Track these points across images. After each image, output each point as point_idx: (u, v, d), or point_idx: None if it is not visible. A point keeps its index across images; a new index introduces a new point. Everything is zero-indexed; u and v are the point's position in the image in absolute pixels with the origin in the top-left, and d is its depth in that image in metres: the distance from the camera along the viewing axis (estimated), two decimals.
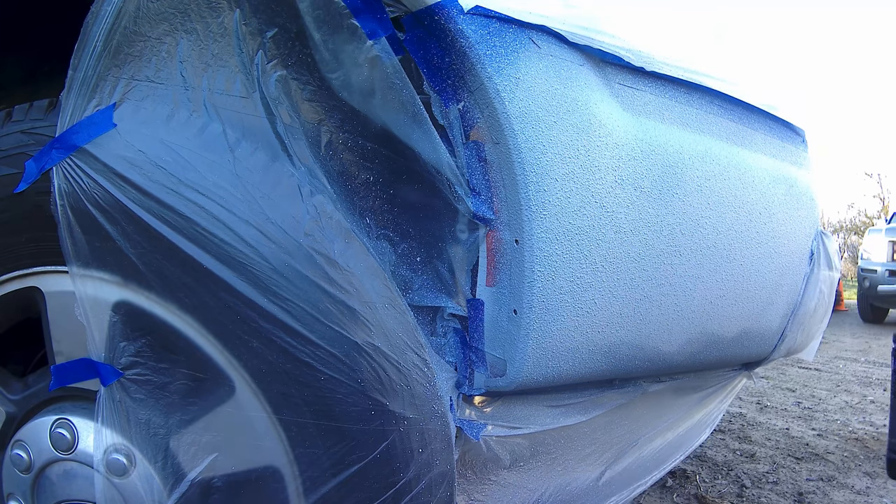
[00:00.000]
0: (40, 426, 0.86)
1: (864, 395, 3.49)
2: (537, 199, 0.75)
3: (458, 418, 0.83)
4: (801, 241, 1.23)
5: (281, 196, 0.71)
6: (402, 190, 0.82)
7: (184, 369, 0.74)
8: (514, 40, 0.75)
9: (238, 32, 0.75)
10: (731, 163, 1.04)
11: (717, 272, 1.02)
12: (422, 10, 0.71)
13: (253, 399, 0.72)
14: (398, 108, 0.74)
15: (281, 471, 0.73)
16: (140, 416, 0.76)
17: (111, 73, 0.75)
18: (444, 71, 0.75)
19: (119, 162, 0.71)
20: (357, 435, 0.71)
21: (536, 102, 0.75)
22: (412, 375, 0.73)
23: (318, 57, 0.74)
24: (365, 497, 0.72)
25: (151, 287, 0.72)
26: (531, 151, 0.75)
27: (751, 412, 3.03)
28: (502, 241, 0.78)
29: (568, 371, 0.86)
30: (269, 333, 0.69)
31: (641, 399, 1.09)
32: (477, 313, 0.83)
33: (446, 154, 0.75)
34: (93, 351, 0.76)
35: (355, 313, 0.70)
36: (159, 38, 0.75)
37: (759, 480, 2.12)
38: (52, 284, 0.82)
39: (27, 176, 0.77)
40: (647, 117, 0.91)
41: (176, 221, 0.69)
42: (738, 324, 1.13)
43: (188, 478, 0.75)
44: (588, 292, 0.83)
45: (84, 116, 0.74)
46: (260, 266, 0.69)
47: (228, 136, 0.72)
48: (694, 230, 0.96)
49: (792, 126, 1.26)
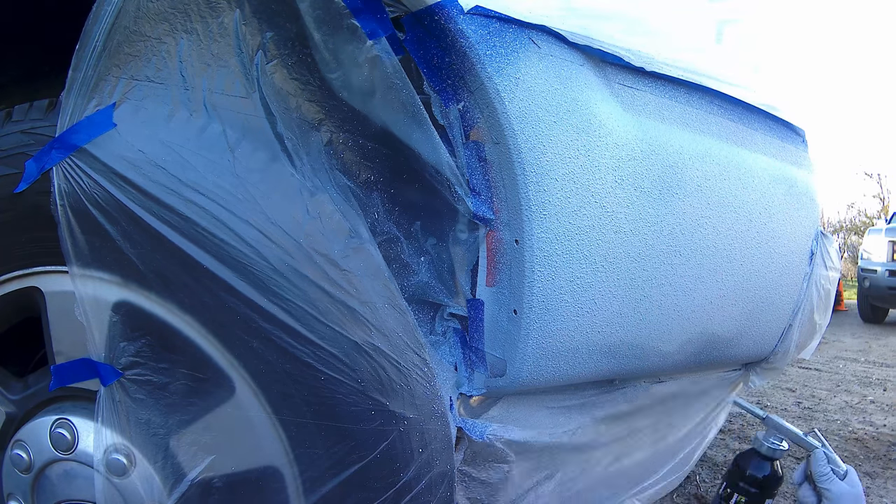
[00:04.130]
0: (40, 426, 0.86)
1: (864, 395, 3.49)
2: (537, 199, 0.75)
3: (458, 418, 0.83)
4: (801, 241, 1.23)
5: (281, 196, 0.71)
6: (402, 190, 0.82)
7: (184, 369, 0.74)
8: (514, 40, 0.75)
9: (238, 32, 0.74)
10: (731, 163, 1.04)
11: (717, 272, 1.02)
12: (422, 10, 0.71)
13: (253, 399, 0.72)
14: (398, 108, 0.74)
15: (281, 471, 0.73)
16: (140, 416, 0.76)
17: (111, 72, 0.75)
18: (444, 71, 0.75)
19: (119, 162, 0.71)
20: (357, 435, 0.71)
21: (536, 102, 0.75)
22: (412, 375, 0.73)
23: (318, 57, 0.74)
24: (365, 497, 0.72)
25: (151, 287, 0.72)
26: (531, 151, 0.75)
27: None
28: (502, 241, 0.78)
29: (568, 371, 0.86)
30: (270, 333, 0.69)
31: (643, 400, 1.09)
32: (477, 313, 0.83)
33: (446, 154, 0.75)
34: (93, 351, 0.76)
35: (355, 313, 0.70)
36: (159, 38, 0.75)
37: None
38: (52, 284, 0.82)
39: (27, 176, 0.77)
40: (647, 117, 0.91)
41: (176, 221, 0.69)
42: (737, 324, 1.13)
43: (188, 478, 0.75)
44: (588, 292, 0.83)
45: (84, 116, 0.74)
46: (260, 266, 0.69)
47: (228, 136, 0.72)
48: (694, 230, 0.96)
49: (792, 126, 1.26)
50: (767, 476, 1.14)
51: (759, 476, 1.14)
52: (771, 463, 1.15)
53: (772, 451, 1.14)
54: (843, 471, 1.09)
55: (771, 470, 1.15)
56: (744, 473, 1.16)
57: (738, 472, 1.17)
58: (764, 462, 1.15)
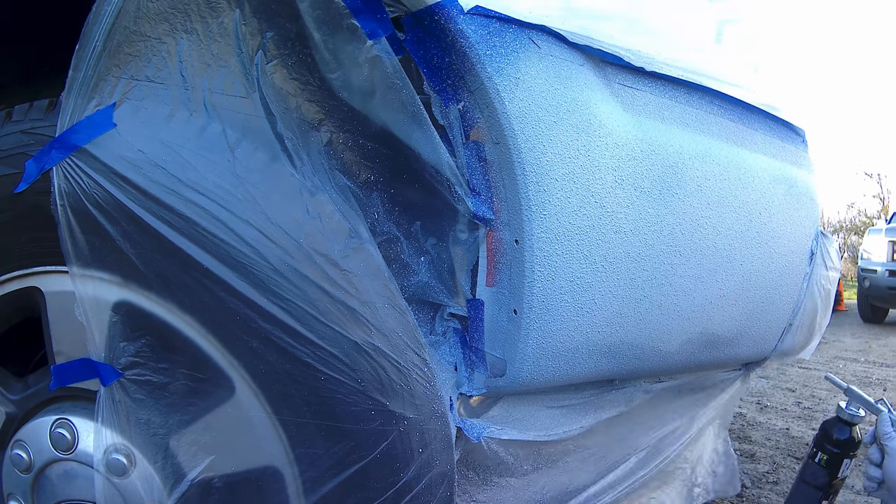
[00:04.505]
0: (40, 426, 0.86)
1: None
2: (537, 199, 0.75)
3: (458, 418, 0.83)
4: (801, 241, 1.23)
5: (281, 196, 0.71)
6: (402, 190, 0.82)
7: (184, 369, 0.74)
8: (514, 40, 0.75)
9: (238, 32, 0.74)
10: (731, 163, 1.04)
11: (716, 272, 1.02)
12: (422, 10, 0.71)
13: (253, 399, 0.72)
14: (398, 108, 0.74)
15: (281, 471, 0.73)
16: (140, 416, 0.76)
17: (111, 72, 0.75)
18: (444, 71, 0.75)
19: (119, 162, 0.71)
20: (357, 435, 0.71)
21: (536, 102, 0.75)
22: (412, 375, 0.73)
23: (318, 57, 0.74)
24: (365, 497, 0.72)
25: (151, 287, 0.72)
26: (531, 151, 0.75)
27: (751, 412, 3.03)
28: (502, 241, 0.78)
29: (568, 371, 0.86)
30: (269, 333, 0.69)
31: (644, 400, 1.09)
32: (477, 313, 0.83)
33: (446, 154, 0.75)
34: (93, 351, 0.76)
35: (355, 313, 0.70)
36: (159, 38, 0.75)
37: (760, 480, 2.12)
38: (52, 284, 0.82)
39: (27, 176, 0.77)
40: (647, 117, 0.91)
41: (176, 221, 0.69)
42: (737, 324, 1.13)
43: (188, 478, 0.75)
44: (588, 292, 0.82)
45: (84, 116, 0.74)
46: (260, 266, 0.68)
47: (228, 136, 0.72)
48: (694, 230, 0.96)
49: (792, 126, 1.26)
50: (847, 439, 1.32)
51: (842, 438, 1.33)
52: (850, 428, 1.33)
53: (851, 416, 1.32)
54: None
55: (850, 434, 1.32)
56: (829, 436, 1.34)
57: (824, 435, 1.35)
58: (845, 427, 1.33)
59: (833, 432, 1.35)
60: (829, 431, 1.36)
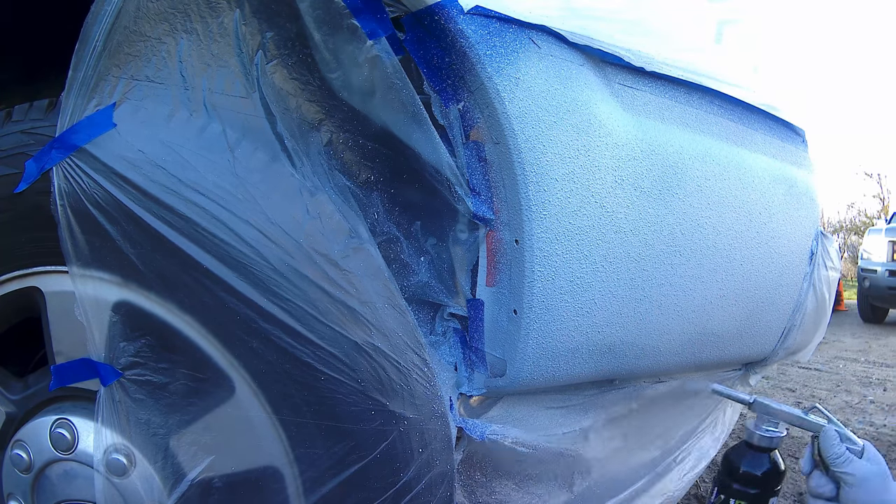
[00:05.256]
0: (40, 426, 0.86)
1: (864, 395, 3.49)
2: (537, 199, 0.75)
3: (458, 418, 0.83)
4: (801, 241, 1.23)
5: (281, 196, 0.71)
6: (402, 190, 0.82)
7: (184, 369, 0.74)
8: (514, 40, 0.75)
9: (238, 32, 0.74)
10: (731, 163, 1.04)
11: (717, 272, 1.02)
12: (422, 10, 0.71)
13: (253, 399, 0.72)
14: (398, 108, 0.74)
15: (281, 471, 0.73)
16: (140, 416, 0.76)
17: (111, 72, 0.75)
18: (444, 71, 0.75)
19: (119, 162, 0.71)
20: (357, 435, 0.71)
21: (536, 102, 0.75)
22: (412, 375, 0.73)
23: (318, 57, 0.74)
24: (365, 497, 0.72)
25: (151, 287, 0.72)
26: (531, 151, 0.75)
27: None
28: (502, 241, 0.78)
29: (568, 371, 0.86)
30: (269, 333, 0.69)
31: (645, 401, 1.09)
32: (477, 313, 0.83)
33: (446, 154, 0.75)
34: (93, 351, 0.76)
35: (355, 313, 0.70)
36: (159, 38, 0.75)
37: None
38: (52, 284, 0.82)
39: (27, 176, 0.77)
40: (647, 117, 0.91)
41: (176, 221, 0.69)
42: (738, 323, 1.13)
43: (188, 478, 0.75)
44: (588, 292, 0.83)
45: (84, 116, 0.74)
46: (260, 266, 0.69)
47: (228, 136, 0.72)
48: (694, 230, 0.96)
49: (792, 126, 1.26)
50: (767, 471, 0.95)
51: (757, 473, 0.94)
52: (768, 454, 0.97)
53: (767, 439, 0.95)
54: (860, 447, 0.89)
55: (769, 463, 0.96)
56: (737, 472, 0.96)
57: (730, 471, 0.98)
58: (759, 455, 0.96)
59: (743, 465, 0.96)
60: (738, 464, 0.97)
